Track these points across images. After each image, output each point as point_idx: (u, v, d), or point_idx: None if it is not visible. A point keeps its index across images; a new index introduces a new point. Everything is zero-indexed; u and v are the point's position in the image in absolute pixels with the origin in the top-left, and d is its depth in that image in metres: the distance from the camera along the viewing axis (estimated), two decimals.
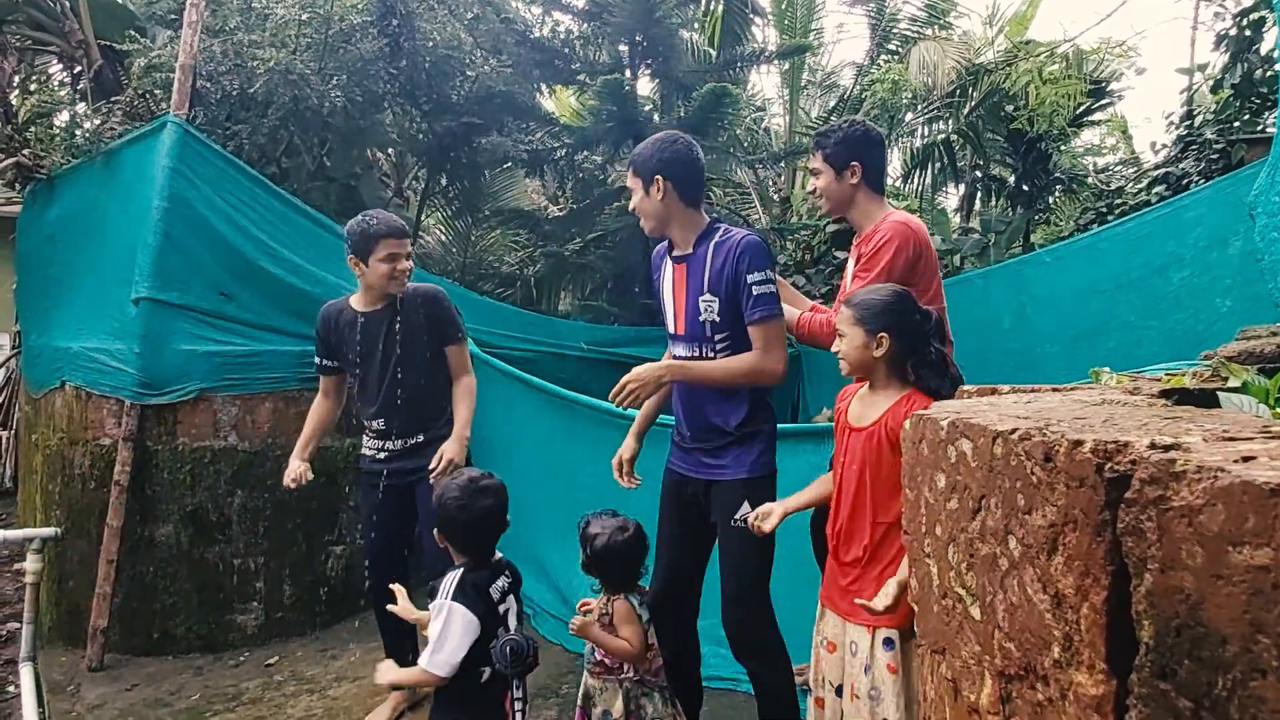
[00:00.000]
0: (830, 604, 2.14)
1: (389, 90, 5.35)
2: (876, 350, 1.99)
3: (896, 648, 1.95)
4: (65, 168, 4.49)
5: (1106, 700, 0.64)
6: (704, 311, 2.30)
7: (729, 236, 2.30)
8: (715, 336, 2.29)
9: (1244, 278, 3.84)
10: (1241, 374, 1.34)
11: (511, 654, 1.99)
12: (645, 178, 2.33)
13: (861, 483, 2.02)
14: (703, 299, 2.29)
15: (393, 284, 2.89)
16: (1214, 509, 0.52)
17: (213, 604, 3.88)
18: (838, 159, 2.58)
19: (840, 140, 2.58)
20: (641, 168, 2.35)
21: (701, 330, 2.31)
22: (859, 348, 2.02)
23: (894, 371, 2.03)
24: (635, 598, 2.38)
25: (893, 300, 2.03)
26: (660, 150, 2.32)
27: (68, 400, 4.04)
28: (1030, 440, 0.75)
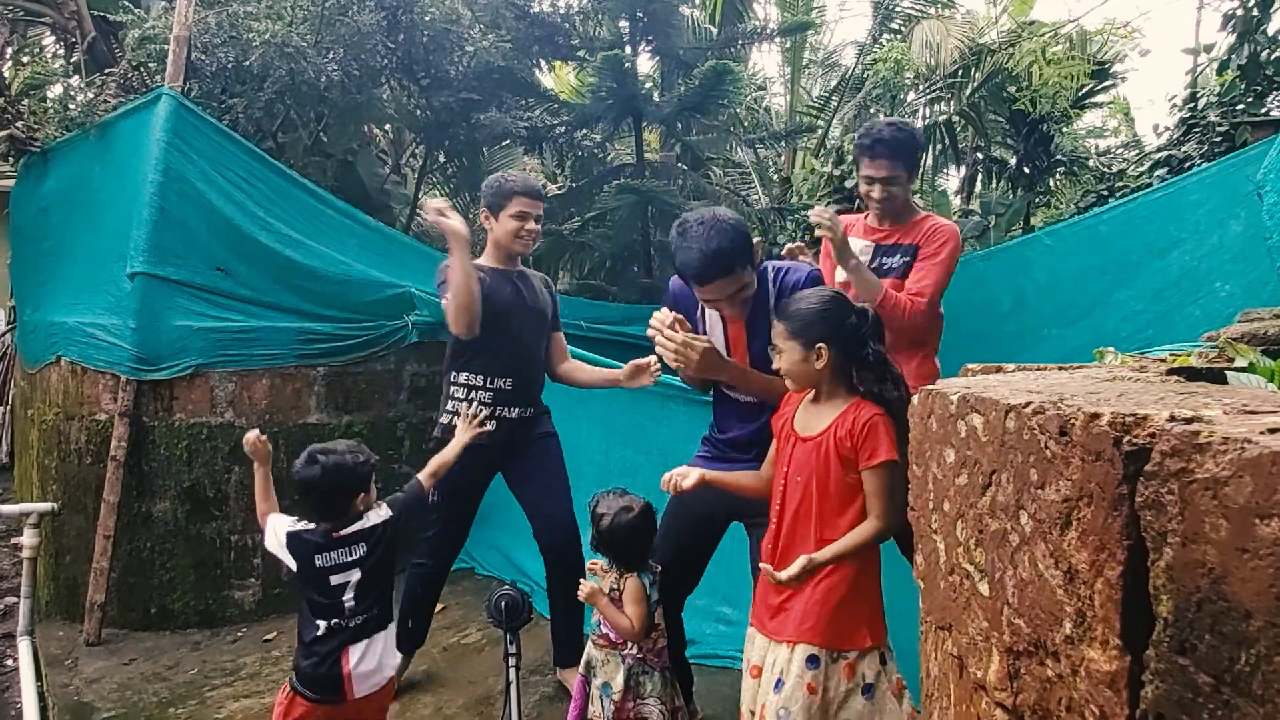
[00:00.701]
0: (759, 625, 2.00)
1: (386, 65, 5.28)
2: (817, 362, 1.91)
3: (821, 667, 1.83)
4: (59, 141, 4.45)
5: (1120, 676, 0.63)
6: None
7: (789, 276, 2.23)
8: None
9: (1244, 261, 3.82)
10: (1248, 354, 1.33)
11: (506, 608, 1.99)
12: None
13: (807, 495, 1.92)
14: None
15: (517, 243, 2.91)
16: (1241, 480, 0.51)
17: (210, 580, 3.88)
18: (913, 165, 2.79)
19: (916, 148, 2.79)
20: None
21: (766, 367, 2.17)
22: (798, 362, 1.94)
23: (839, 380, 1.96)
24: (648, 577, 2.37)
25: (826, 307, 1.95)
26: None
27: (63, 375, 4.02)
28: (1045, 414, 0.74)
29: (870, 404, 1.91)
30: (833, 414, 1.92)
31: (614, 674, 2.33)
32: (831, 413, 1.93)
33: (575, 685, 2.44)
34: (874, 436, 1.85)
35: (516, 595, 2.03)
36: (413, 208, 6.66)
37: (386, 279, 4.34)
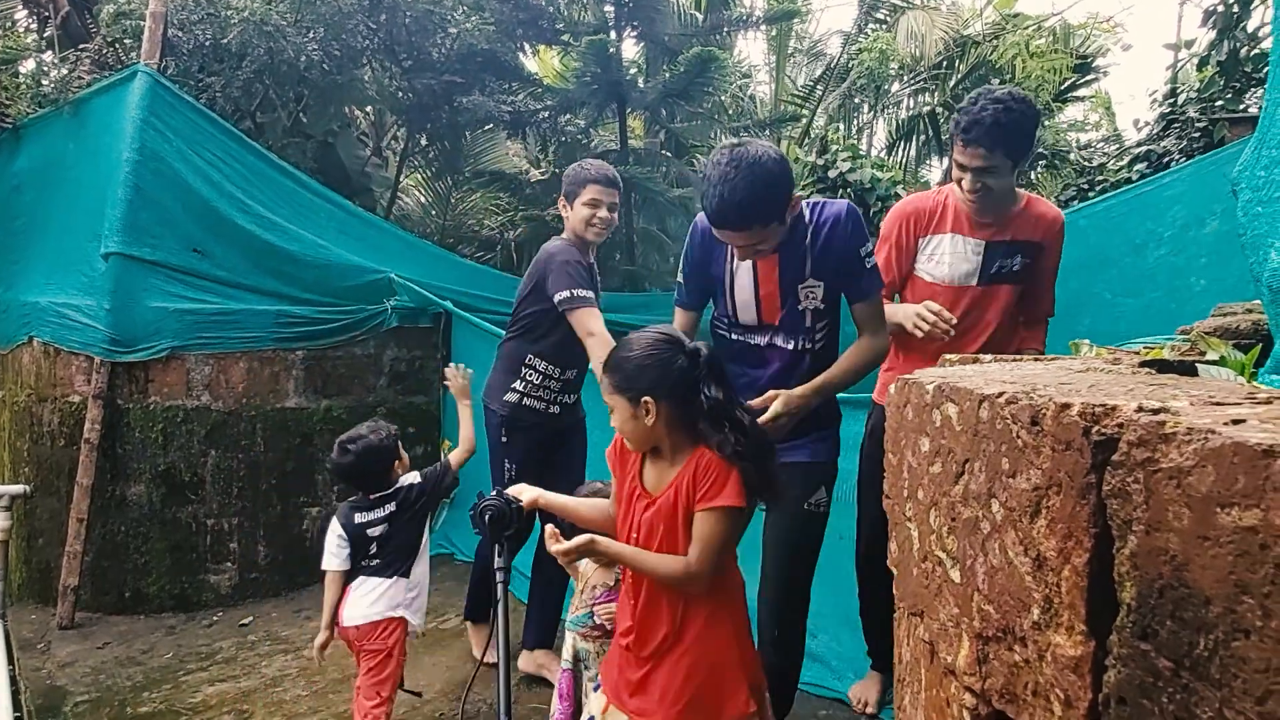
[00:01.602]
0: (619, 702, 1.77)
1: (368, 45, 5.22)
2: (646, 418, 1.65)
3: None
4: (32, 117, 4.37)
5: (1085, 661, 0.64)
6: (805, 300, 2.07)
7: (824, 209, 2.05)
8: (816, 325, 2.10)
9: (1219, 257, 3.88)
10: (1219, 348, 1.35)
11: (490, 520, 1.80)
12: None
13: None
14: (804, 287, 2.06)
15: (590, 230, 2.86)
16: (1204, 470, 0.52)
17: (185, 564, 3.86)
18: (1020, 152, 2.32)
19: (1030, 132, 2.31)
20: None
21: (801, 320, 2.09)
22: (628, 419, 1.68)
23: (681, 432, 1.68)
24: None
25: (648, 356, 1.67)
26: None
27: (35, 356, 3.97)
28: (1017, 404, 0.74)
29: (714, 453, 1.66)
30: (678, 469, 1.68)
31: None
32: (676, 468, 1.69)
33: (562, 681, 2.37)
34: (718, 479, 1.62)
35: (501, 504, 1.83)
36: (394, 191, 6.60)
37: (366, 264, 4.31)
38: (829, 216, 2.03)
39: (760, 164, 1.85)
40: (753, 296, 2.14)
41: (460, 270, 5.12)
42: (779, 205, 1.92)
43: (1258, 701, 0.48)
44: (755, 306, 2.14)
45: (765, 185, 1.85)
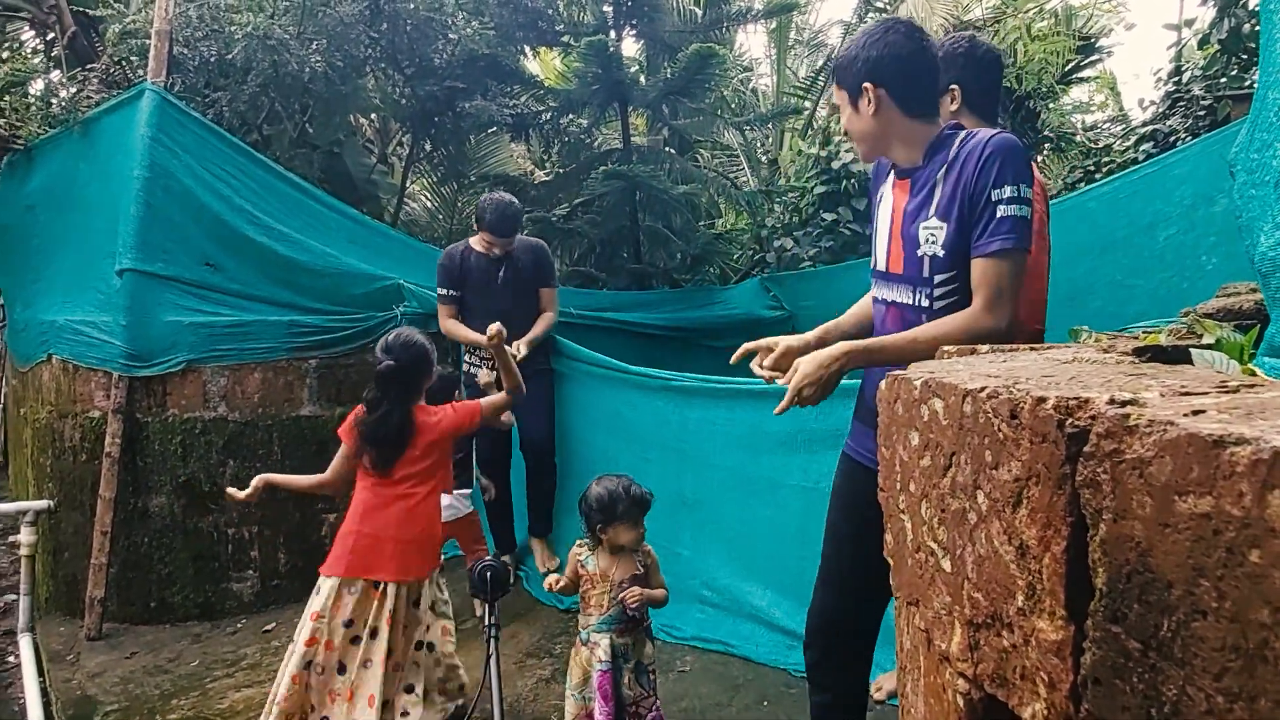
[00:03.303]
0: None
1: (370, 54, 5.27)
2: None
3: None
4: (43, 138, 4.44)
5: (1065, 644, 0.67)
6: (925, 243, 1.73)
7: (973, 138, 1.70)
8: (936, 278, 1.73)
9: (1229, 235, 3.86)
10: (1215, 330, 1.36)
11: (490, 579, 2.00)
12: (851, 89, 1.78)
13: None
14: (925, 226, 1.73)
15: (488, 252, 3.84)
16: (1162, 460, 0.54)
17: (209, 573, 3.92)
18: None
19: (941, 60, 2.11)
20: (844, 77, 1.79)
21: (919, 269, 1.75)
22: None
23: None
24: None
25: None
26: (867, 48, 1.74)
27: (55, 373, 4.04)
28: (998, 398, 0.77)
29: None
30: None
31: (644, 647, 2.44)
32: None
33: (604, 683, 2.36)
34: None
35: (499, 566, 2.04)
36: (400, 197, 6.66)
37: (375, 271, 4.36)
38: (978, 143, 1.68)
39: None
40: (886, 236, 1.83)
41: None
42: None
43: (1215, 679, 0.50)
44: (886, 250, 1.84)
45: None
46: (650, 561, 2.47)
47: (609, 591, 2.41)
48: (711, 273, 6.93)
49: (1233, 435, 0.50)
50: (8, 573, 4.65)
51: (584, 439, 4.07)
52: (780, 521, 3.22)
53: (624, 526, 2.40)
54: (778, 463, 3.19)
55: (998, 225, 1.63)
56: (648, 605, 2.43)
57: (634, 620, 2.42)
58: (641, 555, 2.47)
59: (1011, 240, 1.63)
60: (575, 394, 4.06)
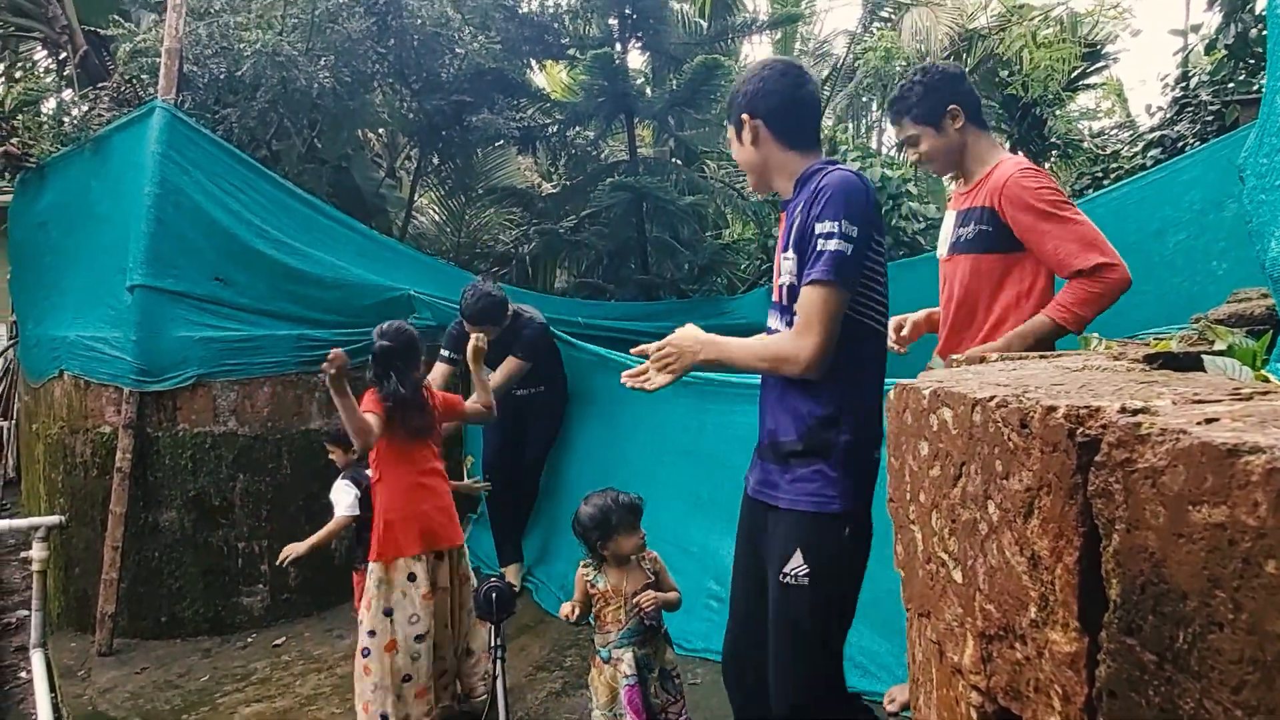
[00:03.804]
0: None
1: (378, 70, 5.31)
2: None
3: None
4: (55, 155, 4.48)
5: (1079, 657, 0.66)
6: (784, 273, 1.82)
7: (824, 174, 1.76)
8: (792, 307, 1.77)
9: (1238, 240, 3.84)
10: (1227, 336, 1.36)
11: (496, 600, 2.03)
12: (734, 121, 1.89)
13: None
14: (784, 257, 1.82)
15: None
16: (1175, 470, 0.54)
17: (219, 587, 3.93)
18: (929, 114, 2.34)
19: (924, 93, 2.35)
20: (730, 111, 1.92)
21: (782, 297, 1.84)
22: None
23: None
24: None
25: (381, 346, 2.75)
26: (747, 84, 1.85)
27: (67, 389, 4.06)
28: (1007, 407, 0.77)
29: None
30: None
31: (665, 653, 2.43)
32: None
33: (629, 699, 2.35)
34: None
35: (504, 588, 2.07)
36: (408, 211, 6.69)
37: (384, 283, 4.37)
38: (818, 182, 1.75)
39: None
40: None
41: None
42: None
43: (1233, 691, 0.50)
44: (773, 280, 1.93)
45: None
46: (658, 566, 2.47)
47: (624, 605, 2.40)
48: (719, 283, 6.94)
49: (1247, 444, 0.50)
50: (20, 588, 4.67)
51: (604, 441, 4.08)
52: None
53: (623, 536, 2.40)
54: None
55: (816, 258, 1.68)
56: (663, 609, 2.42)
57: (652, 629, 2.41)
58: (649, 562, 2.46)
59: (824, 272, 1.66)
60: (593, 397, 4.07)
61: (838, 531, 1.71)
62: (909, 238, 6.16)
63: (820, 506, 1.72)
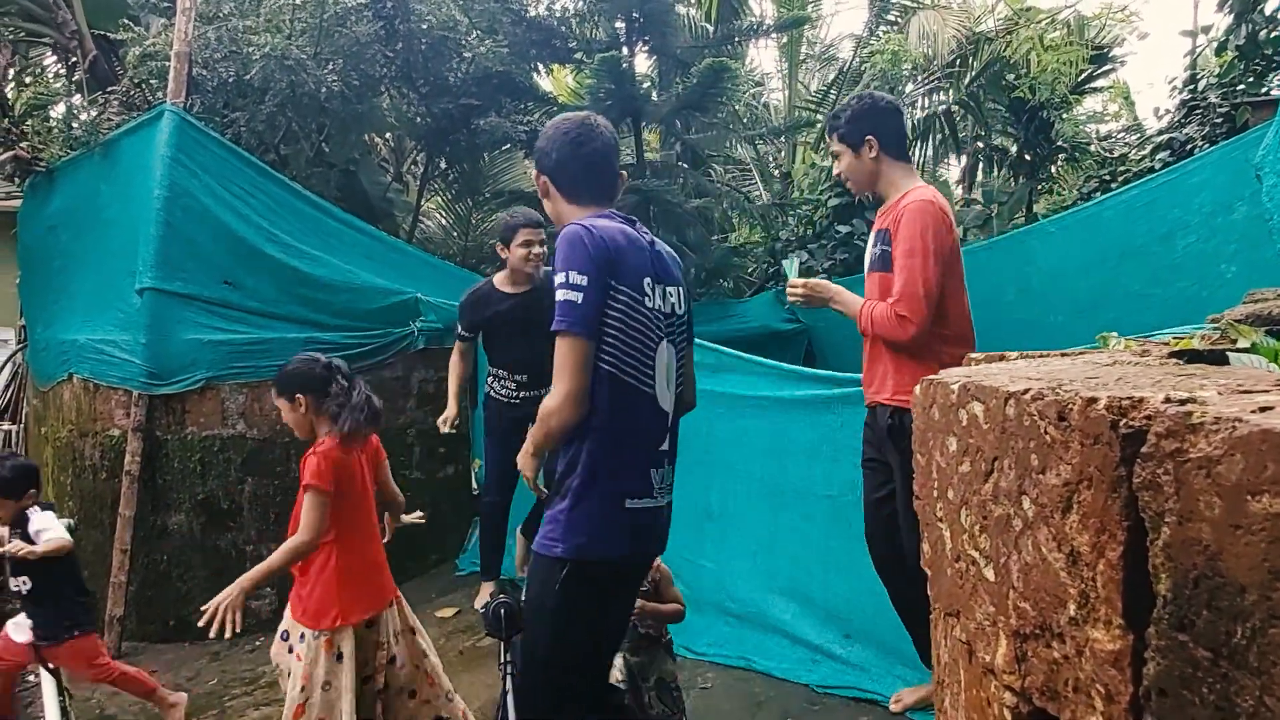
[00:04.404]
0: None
1: (385, 74, 5.32)
2: (300, 410, 2.36)
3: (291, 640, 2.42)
4: (64, 160, 4.49)
5: (1124, 654, 0.64)
6: None
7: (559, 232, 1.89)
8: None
9: (1248, 243, 3.82)
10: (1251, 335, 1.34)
11: (505, 617, 2.00)
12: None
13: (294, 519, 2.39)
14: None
15: (528, 265, 3.57)
16: (1233, 459, 0.52)
17: None
18: (851, 136, 2.57)
19: (850, 118, 2.58)
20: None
21: None
22: (288, 413, 2.41)
23: (323, 421, 2.37)
24: None
25: (295, 366, 2.42)
26: (539, 140, 1.98)
27: (75, 392, 4.06)
28: (1044, 400, 0.75)
29: (329, 440, 2.31)
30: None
31: (664, 664, 2.38)
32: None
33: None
34: (305, 467, 2.30)
35: (515, 604, 2.03)
36: (415, 214, 6.69)
37: (391, 286, 4.37)
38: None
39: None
40: None
41: None
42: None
43: None
44: None
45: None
46: (659, 576, 2.39)
47: None
48: (726, 286, 6.92)
49: None
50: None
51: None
52: (806, 531, 3.19)
53: None
54: (804, 472, 3.17)
55: (554, 307, 1.74)
56: (661, 621, 2.38)
57: (649, 637, 2.37)
58: (651, 571, 2.40)
59: (559, 321, 1.72)
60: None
61: (553, 574, 1.76)
62: None
63: (545, 549, 1.78)
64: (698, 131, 7.14)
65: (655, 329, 1.80)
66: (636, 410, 1.79)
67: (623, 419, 1.77)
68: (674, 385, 1.87)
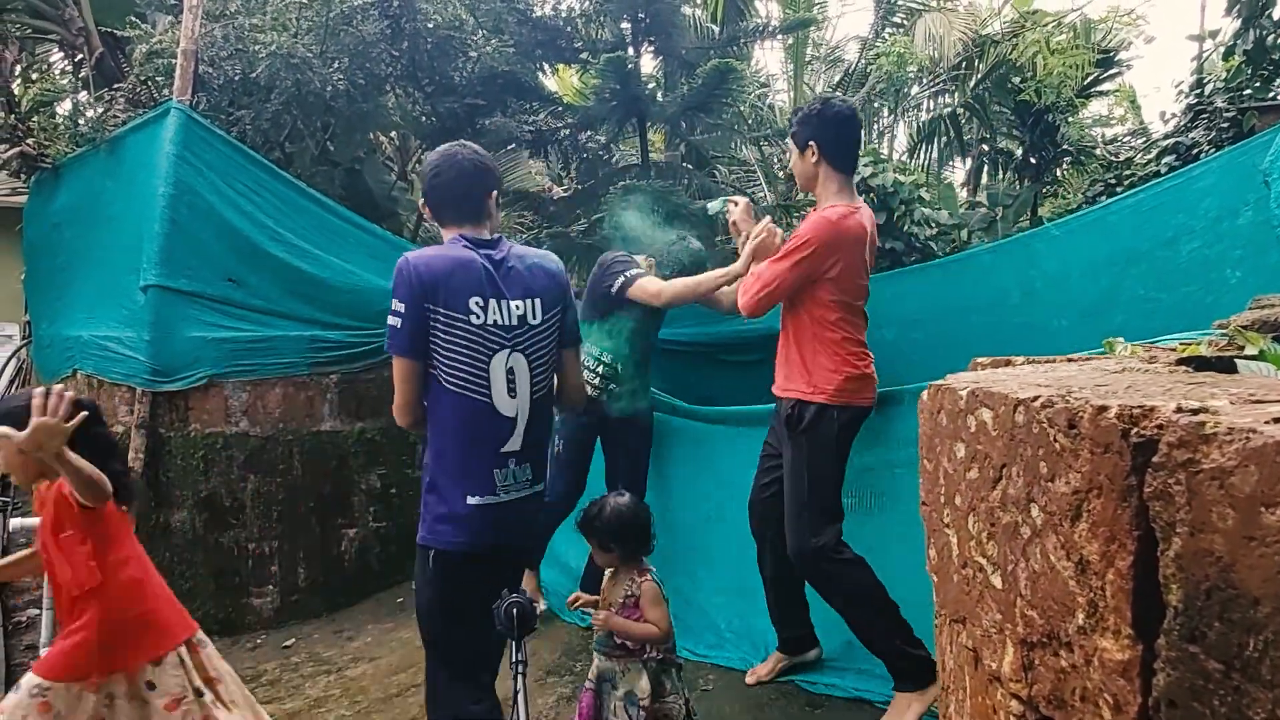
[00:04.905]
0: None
1: (391, 73, 5.32)
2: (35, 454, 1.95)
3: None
4: (70, 156, 4.50)
5: (1133, 665, 0.64)
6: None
7: None
8: None
9: (1254, 248, 3.80)
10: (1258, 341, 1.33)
11: (517, 616, 2.00)
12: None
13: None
14: None
15: None
16: (1246, 470, 0.52)
17: (229, 588, 3.92)
18: (798, 138, 2.70)
19: (800, 119, 2.70)
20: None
21: None
22: (13, 456, 2.03)
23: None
24: (655, 575, 2.37)
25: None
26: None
27: (79, 388, 4.06)
28: (1053, 407, 0.75)
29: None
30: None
31: (637, 680, 2.30)
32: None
33: (583, 701, 2.39)
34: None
35: (525, 603, 2.04)
36: (419, 214, 6.68)
37: None
38: None
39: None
40: None
41: None
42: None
43: None
44: None
45: None
46: (639, 591, 2.33)
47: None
48: None
49: None
50: (30, 587, 4.66)
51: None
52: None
53: (594, 544, 2.39)
54: None
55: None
56: (630, 638, 2.31)
57: (623, 648, 2.35)
58: (633, 583, 2.36)
59: (386, 344, 2.02)
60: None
61: (422, 561, 2.03)
62: (920, 243, 6.13)
63: (420, 536, 2.05)
64: (703, 132, 7.13)
65: (489, 342, 1.97)
66: (472, 417, 1.97)
67: (459, 425, 1.98)
68: (529, 390, 2.04)
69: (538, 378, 2.06)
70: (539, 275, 2.11)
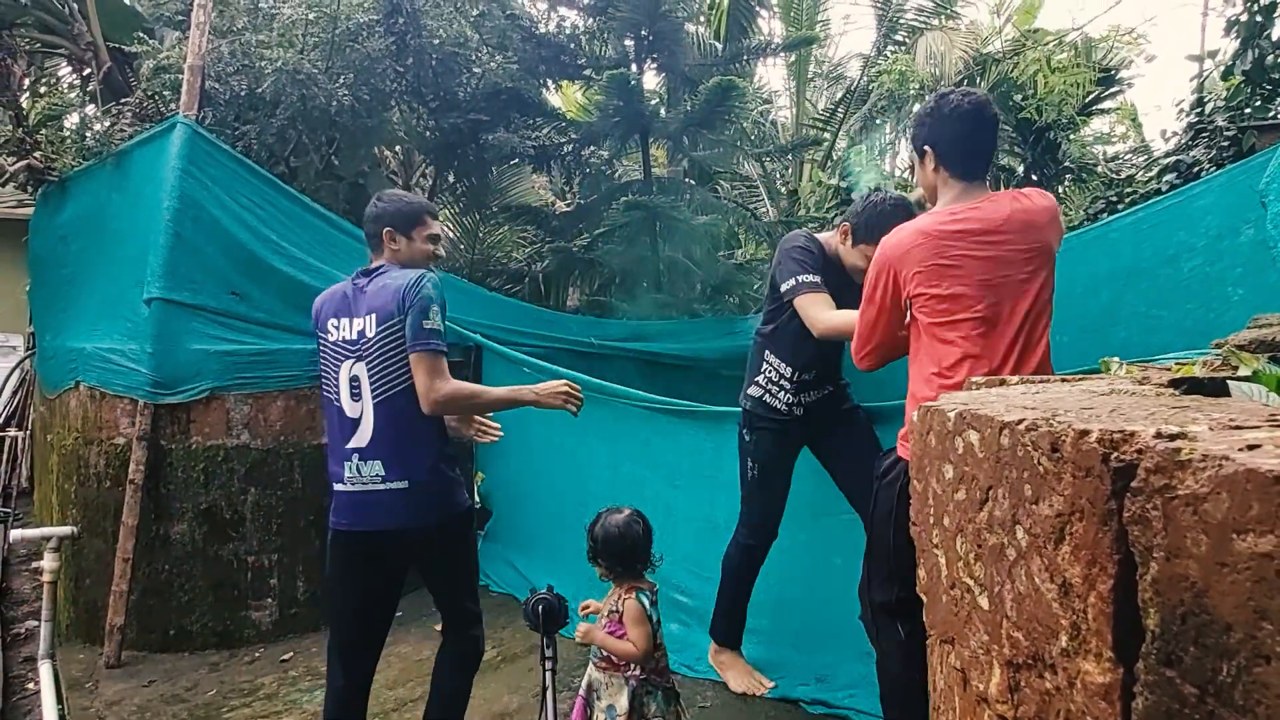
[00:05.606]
0: None
1: (396, 88, 5.36)
2: None
3: None
4: (76, 170, 4.53)
5: (1114, 688, 0.65)
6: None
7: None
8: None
9: (1255, 266, 3.81)
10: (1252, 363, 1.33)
11: (544, 613, 2.02)
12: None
13: None
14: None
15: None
16: (1219, 497, 0.52)
17: (228, 601, 3.92)
18: (915, 142, 2.27)
19: (918, 120, 2.26)
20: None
21: None
22: None
23: None
24: (646, 595, 2.37)
25: None
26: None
27: (82, 400, 4.08)
28: (1037, 430, 0.75)
29: None
30: None
31: (617, 696, 2.30)
32: None
33: (575, 707, 2.43)
34: None
35: (553, 600, 2.06)
36: None
37: None
38: None
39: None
40: None
41: (489, 303, 5.20)
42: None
43: None
44: None
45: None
46: (624, 608, 2.33)
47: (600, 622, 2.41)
48: (732, 302, 6.93)
49: None
50: (30, 598, 4.66)
51: (610, 465, 4.07)
52: (808, 551, 3.18)
53: (588, 554, 2.42)
54: (812, 489, 3.17)
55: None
56: (609, 651, 2.33)
57: (609, 660, 2.35)
58: (619, 600, 2.36)
59: None
60: (602, 423, 4.05)
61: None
62: None
63: None
64: (705, 148, 7.17)
65: (339, 355, 2.34)
66: (332, 418, 2.36)
67: (328, 425, 2.40)
68: (370, 395, 2.29)
69: (378, 383, 2.30)
70: (382, 294, 2.33)
